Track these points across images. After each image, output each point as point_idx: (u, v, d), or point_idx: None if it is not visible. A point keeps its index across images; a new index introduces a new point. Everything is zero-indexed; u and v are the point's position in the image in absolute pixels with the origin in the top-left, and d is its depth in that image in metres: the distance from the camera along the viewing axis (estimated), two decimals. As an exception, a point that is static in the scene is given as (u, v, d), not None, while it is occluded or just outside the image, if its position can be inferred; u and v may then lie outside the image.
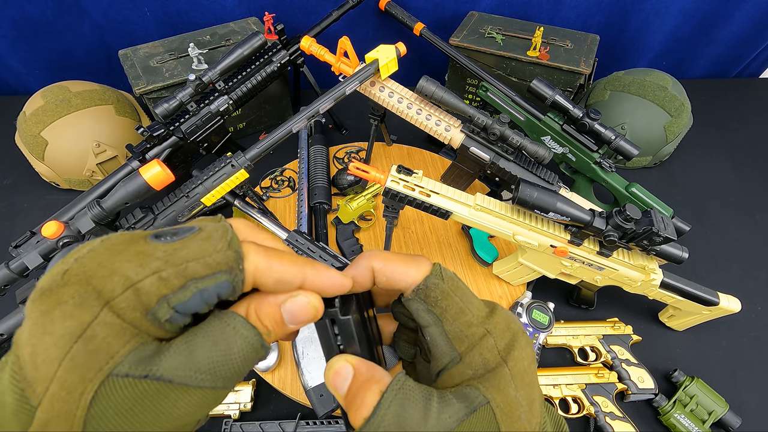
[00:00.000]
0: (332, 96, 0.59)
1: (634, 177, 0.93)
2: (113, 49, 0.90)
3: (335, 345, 0.23)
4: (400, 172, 0.58)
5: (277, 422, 0.58)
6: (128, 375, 0.16)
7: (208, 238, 0.18)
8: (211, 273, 0.17)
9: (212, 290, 0.17)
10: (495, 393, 0.20)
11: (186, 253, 0.17)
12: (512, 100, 0.80)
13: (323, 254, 0.66)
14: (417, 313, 0.23)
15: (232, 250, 0.18)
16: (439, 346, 0.22)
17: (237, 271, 0.18)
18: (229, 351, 0.17)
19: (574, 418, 0.62)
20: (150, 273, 0.16)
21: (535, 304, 0.68)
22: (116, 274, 0.16)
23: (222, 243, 0.18)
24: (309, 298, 0.19)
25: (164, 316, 0.17)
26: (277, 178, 0.90)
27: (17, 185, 0.89)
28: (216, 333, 0.18)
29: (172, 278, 0.17)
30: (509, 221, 0.60)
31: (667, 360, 0.69)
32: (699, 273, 0.79)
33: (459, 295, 0.23)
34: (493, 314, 0.23)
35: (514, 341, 0.22)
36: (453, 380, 0.21)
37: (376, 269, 0.23)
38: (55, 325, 0.15)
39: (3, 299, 0.58)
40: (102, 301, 0.16)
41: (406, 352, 0.26)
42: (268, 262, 0.19)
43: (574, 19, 1.06)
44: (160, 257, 0.17)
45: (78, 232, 0.53)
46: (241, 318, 0.18)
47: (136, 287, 0.16)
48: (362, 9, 1.01)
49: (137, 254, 0.17)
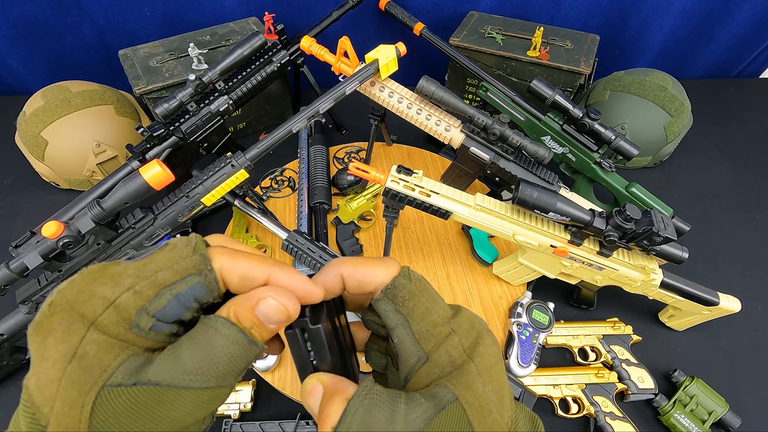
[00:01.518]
0: (332, 96, 0.59)
1: (634, 177, 0.93)
2: (113, 50, 0.90)
3: (306, 354, 0.23)
4: (400, 172, 0.58)
5: (277, 422, 0.58)
6: (121, 384, 0.17)
7: (173, 248, 0.20)
8: (181, 278, 0.19)
9: (187, 293, 0.19)
10: (463, 389, 0.20)
11: (154, 265, 0.19)
12: (512, 100, 0.80)
13: (323, 254, 0.65)
14: (385, 314, 0.23)
15: (197, 254, 0.19)
16: (407, 347, 0.22)
17: (206, 272, 0.19)
18: (213, 350, 0.18)
19: (574, 418, 0.62)
20: (125, 289, 0.18)
21: (535, 304, 0.68)
22: (95, 296, 0.18)
23: (187, 250, 0.20)
24: (279, 300, 0.20)
25: (147, 325, 0.18)
26: (277, 178, 0.90)
27: (17, 185, 0.89)
28: (199, 335, 0.19)
29: (146, 289, 0.18)
30: (509, 221, 0.60)
31: (667, 360, 0.69)
32: (699, 273, 0.79)
33: (425, 296, 0.23)
34: (458, 314, 0.24)
35: (479, 339, 0.23)
36: (422, 381, 0.22)
37: (346, 275, 0.24)
38: (50, 351, 0.17)
39: (3, 299, 0.58)
40: (87, 322, 0.17)
41: (378, 362, 0.26)
42: (232, 261, 0.20)
43: (574, 19, 1.06)
44: (131, 274, 0.19)
45: (78, 232, 0.53)
46: (221, 319, 0.19)
47: (115, 304, 0.18)
48: (362, 9, 1.01)
49: (111, 276, 0.19)
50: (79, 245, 0.54)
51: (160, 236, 0.61)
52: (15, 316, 0.59)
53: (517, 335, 0.65)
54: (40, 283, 0.58)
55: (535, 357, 0.63)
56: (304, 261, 0.66)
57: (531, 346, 0.64)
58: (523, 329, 0.65)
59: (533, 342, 0.65)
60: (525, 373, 0.63)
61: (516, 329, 0.65)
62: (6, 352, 0.60)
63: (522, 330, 0.65)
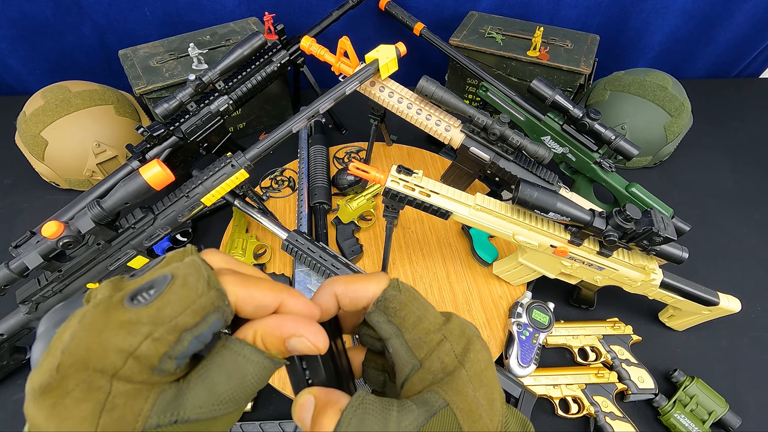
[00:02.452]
0: (332, 96, 0.59)
1: (634, 177, 0.93)
2: (113, 50, 0.90)
3: (301, 371, 0.23)
4: (400, 172, 0.58)
5: (277, 422, 0.58)
6: (159, 425, 0.17)
7: (184, 284, 0.18)
8: (201, 318, 0.18)
9: (207, 331, 0.18)
10: (453, 395, 0.21)
11: (171, 310, 0.18)
12: (512, 100, 0.80)
13: (323, 254, 0.65)
14: (378, 326, 0.23)
15: (213, 289, 0.19)
16: (401, 356, 0.23)
17: (224, 307, 0.19)
18: (244, 379, 0.19)
19: (574, 418, 0.62)
20: (143, 338, 0.17)
21: (535, 304, 0.68)
22: (110, 350, 0.17)
23: (201, 285, 0.18)
24: (311, 340, 0.20)
25: (171, 366, 0.18)
26: (277, 178, 0.90)
27: (17, 185, 0.89)
28: (229, 364, 0.19)
29: (166, 336, 0.17)
30: (509, 221, 0.60)
31: (667, 360, 0.69)
32: (699, 273, 0.79)
33: (416, 305, 0.24)
34: (449, 321, 0.24)
35: (469, 345, 0.23)
36: (415, 388, 0.22)
37: (339, 293, 0.24)
38: (71, 411, 0.16)
39: (3, 299, 0.58)
40: (108, 377, 0.17)
41: (376, 380, 0.27)
42: (247, 292, 0.20)
43: (574, 19, 1.06)
44: (146, 322, 0.17)
45: (78, 232, 0.53)
46: (249, 347, 0.19)
47: (135, 355, 0.17)
48: (362, 9, 1.01)
49: (122, 325, 0.17)
50: (79, 245, 0.54)
51: (160, 236, 0.61)
52: (15, 316, 0.59)
53: (517, 335, 0.65)
54: (40, 283, 0.58)
55: (535, 357, 0.63)
56: (304, 261, 0.66)
57: (531, 346, 0.64)
58: (523, 329, 0.65)
59: (533, 342, 0.65)
60: (525, 373, 0.63)
61: (516, 329, 0.65)
62: (6, 352, 0.60)
63: (522, 330, 0.65)
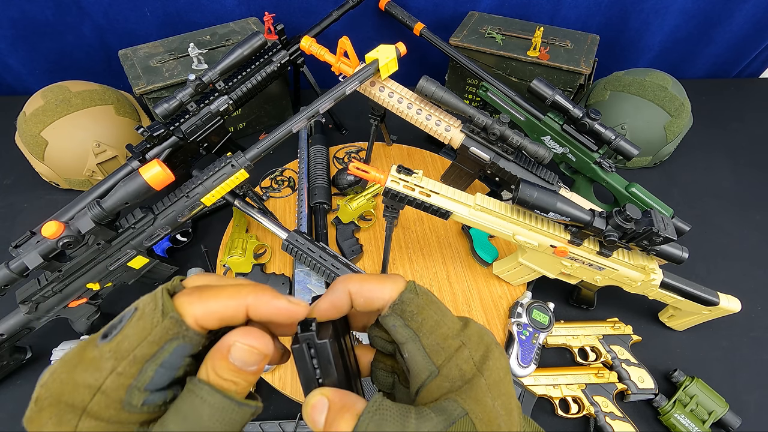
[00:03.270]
0: (332, 96, 0.59)
1: (634, 177, 0.93)
2: (113, 49, 0.90)
3: (312, 370, 0.23)
4: (400, 172, 0.58)
5: (277, 422, 0.58)
6: None
7: (141, 317, 0.19)
8: (159, 348, 0.18)
9: (171, 359, 0.19)
10: (473, 404, 0.20)
11: (128, 343, 0.18)
12: (512, 100, 0.80)
13: (323, 254, 0.65)
14: (394, 330, 0.23)
15: (167, 318, 0.19)
16: (418, 362, 0.22)
17: (183, 332, 0.19)
18: (200, 421, 0.18)
19: (574, 418, 0.62)
20: (108, 373, 0.18)
21: (535, 304, 0.68)
22: (79, 385, 0.18)
23: (156, 316, 0.19)
24: (246, 342, 0.20)
25: (139, 400, 0.18)
26: (277, 178, 0.90)
27: (17, 185, 0.89)
28: (185, 407, 0.19)
29: (128, 369, 0.18)
30: (509, 221, 0.60)
31: (667, 360, 0.69)
32: (699, 273, 0.79)
33: (434, 309, 0.23)
34: (467, 327, 0.23)
35: (488, 352, 0.22)
36: (432, 395, 0.21)
37: (353, 291, 0.23)
38: None
39: (3, 299, 0.58)
40: (78, 411, 0.17)
41: (384, 382, 0.26)
42: (203, 308, 0.20)
43: (574, 19, 1.06)
44: (109, 356, 0.18)
45: (78, 232, 0.53)
46: (206, 386, 0.19)
47: (101, 390, 0.18)
48: (362, 9, 1.01)
49: (90, 362, 0.18)
50: (79, 245, 0.54)
51: (160, 236, 0.61)
52: (15, 316, 0.59)
53: (517, 335, 0.65)
54: (40, 283, 0.58)
55: (535, 357, 0.63)
56: (304, 261, 0.66)
57: (531, 346, 0.64)
58: (523, 329, 0.65)
59: (533, 342, 0.65)
60: (525, 373, 0.63)
61: (516, 329, 0.65)
62: (6, 352, 0.60)
63: (522, 330, 0.65)
